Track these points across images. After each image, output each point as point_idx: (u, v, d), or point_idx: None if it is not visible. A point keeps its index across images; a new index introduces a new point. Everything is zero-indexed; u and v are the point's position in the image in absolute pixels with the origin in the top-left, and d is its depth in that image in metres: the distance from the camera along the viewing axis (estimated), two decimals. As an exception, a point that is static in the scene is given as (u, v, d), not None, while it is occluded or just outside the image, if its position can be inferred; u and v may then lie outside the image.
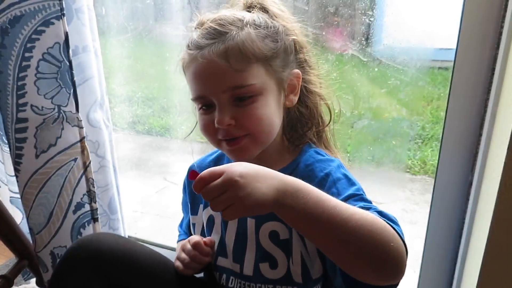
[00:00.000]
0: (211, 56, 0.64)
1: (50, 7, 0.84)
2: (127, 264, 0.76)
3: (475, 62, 0.81)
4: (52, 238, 0.98)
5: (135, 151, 2.17)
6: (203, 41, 0.66)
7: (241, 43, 0.64)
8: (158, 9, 1.59)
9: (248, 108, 0.66)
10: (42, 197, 0.94)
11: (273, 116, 0.69)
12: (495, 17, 0.77)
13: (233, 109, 0.66)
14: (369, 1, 1.06)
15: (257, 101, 0.66)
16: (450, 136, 0.87)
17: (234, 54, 0.64)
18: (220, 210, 0.53)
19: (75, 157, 0.94)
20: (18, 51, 0.84)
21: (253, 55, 0.65)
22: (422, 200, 1.59)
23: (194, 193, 0.84)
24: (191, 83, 0.69)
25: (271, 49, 0.67)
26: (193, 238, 0.79)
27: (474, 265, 0.78)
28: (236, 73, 0.64)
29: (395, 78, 1.11)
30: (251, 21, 0.67)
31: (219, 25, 0.66)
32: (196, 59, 0.66)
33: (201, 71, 0.66)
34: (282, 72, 0.69)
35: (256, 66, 0.65)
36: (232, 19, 0.67)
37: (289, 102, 0.72)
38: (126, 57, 1.72)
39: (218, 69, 0.64)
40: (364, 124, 1.24)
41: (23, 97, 0.87)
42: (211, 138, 0.71)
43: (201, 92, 0.68)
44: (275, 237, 0.72)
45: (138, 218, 1.74)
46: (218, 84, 0.65)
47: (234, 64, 0.64)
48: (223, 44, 0.64)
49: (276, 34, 0.68)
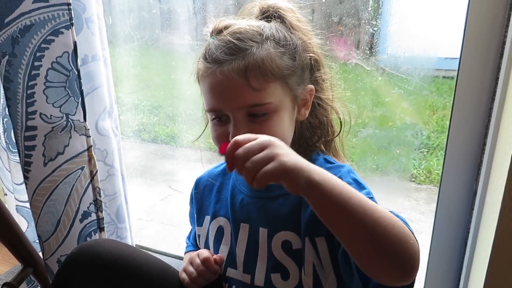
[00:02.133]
0: (230, 74, 0.64)
1: (60, 16, 0.85)
2: (127, 269, 0.76)
3: (479, 72, 0.81)
4: (60, 246, 0.98)
5: (140, 159, 2.18)
6: (222, 56, 0.65)
7: (260, 61, 0.64)
8: (165, 19, 1.61)
9: (263, 125, 0.66)
10: (50, 205, 0.95)
11: (286, 132, 0.69)
12: (498, 26, 0.77)
13: (247, 125, 0.66)
14: (373, 10, 1.07)
15: (272, 119, 0.66)
16: (454, 145, 0.87)
17: (253, 72, 0.64)
18: (258, 169, 0.51)
19: (82, 166, 0.95)
20: (28, 60, 0.86)
21: (272, 74, 0.65)
22: (427, 209, 1.58)
23: (201, 204, 0.84)
24: (207, 95, 0.69)
25: (289, 67, 0.67)
26: (202, 253, 0.78)
27: (479, 274, 0.78)
28: (254, 91, 0.64)
29: (399, 87, 1.12)
30: (271, 35, 0.67)
31: (238, 40, 0.65)
32: (214, 74, 0.65)
33: (219, 86, 0.66)
34: (297, 89, 0.69)
35: (273, 84, 0.66)
36: (252, 33, 0.66)
37: (301, 116, 0.72)
38: (132, 66, 1.73)
39: (236, 87, 0.64)
40: (369, 133, 1.24)
41: (33, 106, 0.88)
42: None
43: (217, 106, 0.67)
44: (288, 247, 0.72)
45: (143, 226, 1.74)
46: (235, 101, 0.65)
47: (252, 83, 0.64)
48: (243, 61, 0.64)
49: (294, 51, 0.68)
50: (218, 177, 0.84)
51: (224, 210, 0.79)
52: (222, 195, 0.81)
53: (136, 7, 1.62)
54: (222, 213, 0.80)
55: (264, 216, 0.74)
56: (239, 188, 0.79)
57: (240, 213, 0.77)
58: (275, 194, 0.74)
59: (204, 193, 0.85)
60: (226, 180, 0.83)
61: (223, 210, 0.80)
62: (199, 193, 0.85)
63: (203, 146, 1.22)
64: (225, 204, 0.80)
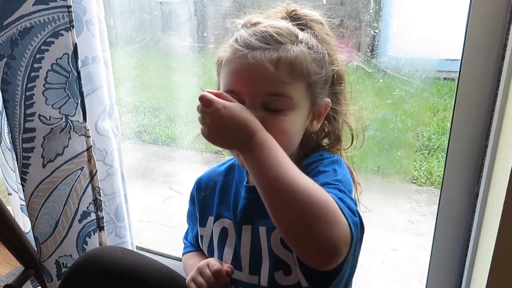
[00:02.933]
0: (262, 60, 0.63)
1: (60, 19, 0.85)
2: (134, 280, 0.75)
3: (481, 73, 0.81)
4: (58, 247, 0.98)
5: (141, 161, 2.19)
6: (256, 42, 0.64)
7: (293, 58, 0.64)
8: (165, 21, 1.61)
9: (277, 118, 0.65)
10: (49, 207, 0.94)
11: (295, 134, 0.69)
12: (500, 28, 0.77)
13: (261, 114, 0.65)
14: (374, 13, 1.06)
15: (287, 115, 0.66)
16: (455, 147, 0.87)
17: (284, 65, 0.64)
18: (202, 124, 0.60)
19: (82, 166, 0.95)
20: (27, 62, 0.86)
21: (301, 73, 0.65)
22: (428, 211, 1.58)
23: (204, 204, 0.83)
24: (229, 77, 0.68)
25: (316, 73, 0.67)
26: (213, 264, 0.76)
27: (481, 276, 0.77)
28: (280, 82, 0.64)
29: (400, 89, 1.12)
30: (305, 40, 0.67)
31: (276, 33, 0.65)
32: (245, 58, 0.64)
33: (246, 69, 0.65)
34: (317, 98, 0.70)
35: (299, 84, 0.66)
36: (288, 32, 0.67)
37: (311, 127, 0.72)
38: (133, 68, 1.74)
39: (265, 74, 0.64)
40: (370, 135, 1.24)
41: (31, 107, 0.88)
42: None
43: (238, 88, 0.66)
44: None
45: (143, 227, 1.74)
46: (259, 87, 0.65)
47: (280, 74, 0.64)
48: (277, 53, 0.64)
49: (323, 61, 0.69)
50: (220, 176, 0.83)
51: (228, 211, 0.79)
52: (226, 196, 0.81)
53: (137, 9, 1.63)
54: (226, 214, 0.79)
55: (261, 215, 0.71)
56: (239, 190, 0.78)
57: (241, 215, 0.76)
58: None
59: (207, 193, 0.84)
60: (229, 180, 0.82)
61: (227, 212, 0.79)
62: (201, 193, 0.84)
63: (204, 147, 1.22)
64: (229, 206, 0.79)
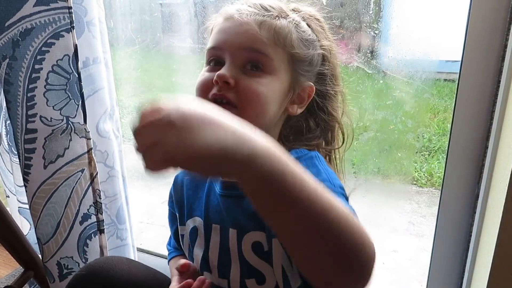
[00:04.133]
0: (248, 18, 0.64)
1: (60, 20, 0.85)
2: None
3: (481, 74, 0.81)
4: (59, 248, 0.98)
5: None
6: (245, 8, 0.66)
7: (278, 26, 0.65)
8: (166, 22, 1.61)
9: (253, 79, 0.64)
10: (50, 208, 0.95)
11: (270, 102, 0.65)
12: (500, 29, 0.77)
13: (239, 73, 0.64)
14: (374, 14, 1.07)
15: (263, 77, 0.64)
16: (456, 148, 0.87)
17: (268, 28, 0.64)
18: (140, 151, 0.41)
19: (82, 168, 0.95)
20: (28, 63, 0.86)
21: (283, 43, 0.65)
22: (429, 212, 1.58)
23: (182, 202, 0.78)
24: (215, 35, 0.68)
25: (300, 48, 0.67)
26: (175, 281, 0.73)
27: (482, 278, 0.77)
28: (262, 42, 0.64)
29: (400, 90, 1.12)
30: (295, 19, 0.68)
31: (268, 4, 0.67)
32: (232, 18, 0.65)
33: (231, 27, 0.65)
34: (299, 76, 0.68)
35: (281, 51, 0.65)
36: (280, 7, 0.67)
37: (292, 110, 0.69)
38: (134, 69, 1.74)
39: (248, 30, 0.64)
40: (370, 136, 1.24)
41: (33, 108, 0.88)
42: (202, 96, 0.65)
43: (221, 43, 0.66)
44: (259, 249, 0.67)
45: (144, 229, 1.74)
46: (242, 41, 0.64)
47: (264, 35, 0.64)
48: (263, 17, 0.65)
49: (310, 41, 0.69)
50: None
51: (199, 209, 0.75)
52: (198, 193, 0.76)
53: (137, 10, 1.63)
54: (198, 213, 0.74)
55: (232, 217, 0.69)
56: (213, 186, 0.74)
57: (212, 213, 0.72)
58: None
59: (183, 190, 0.79)
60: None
61: (198, 210, 0.75)
62: (178, 191, 0.80)
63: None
64: (201, 203, 0.75)
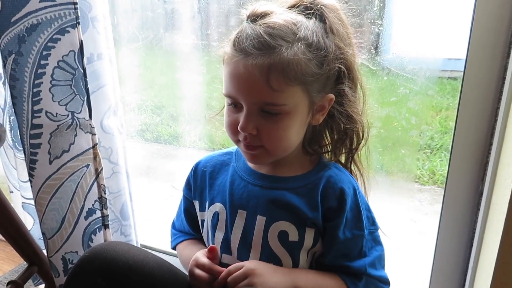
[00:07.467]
0: (253, 69, 0.64)
1: (66, 15, 0.86)
2: (139, 274, 0.76)
3: (485, 72, 0.81)
4: (64, 243, 0.99)
5: (143, 159, 2.18)
6: (249, 48, 0.64)
7: (285, 64, 0.63)
8: (169, 19, 1.61)
9: (273, 124, 0.67)
10: (55, 203, 0.95)
11: (294, 136, 0.70)
12: (505, 27, 0.77)
13: (258, 119, 0.67)
14: (378, 10, 1.06)
15: (283, 120, 0.67)
16: (460, 145, 0.87)
17: (275, 73, 0.63)
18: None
19: (88, 164, 0.95)
20: (34, 59, 0.86)
21: (294, 78, 0.64)
22: (431, 210, 1.58)
23: (202, 188, 0.84)
24: (227, 81, 0.69)
25: (313, 74, 0.66)
26: (202, 263, 0.76)
27: (485, 276, 0.77)
28: (272, 91, 0.64)
29: (404, 87, 1.12)
30: (304, 37, 0.65)
31: (269, 36, 0.64)
32: (238, 64, 0.65)
33: (239, 77, 0.66)
34: (316, 96, 0.69)
35: (293, 88, 0.65)
36: (286, 31, 0.65)
37: (315, 121, 0.73)
38: (136, 66, 1.74)
39: (255, 83, 0.64)
40: (373, 133, 1.24)
41: (38, 104, 0.88)
42: (232, 136, 0.73)
43: (233, 94, 0.68)
44: (284, 238, 0.73)
45: (146, 225, 1.74)
46: (251, 95, 0.66)
47: (272, 83, 0.64)
48: (268, 59, 0.63)
49: (324, 59, 0.67)
50: (218, 162, 0.85)
51: (220, 196, 0.80)
52: (218, 181, 0.82)
53: (140, 7, 1.63)
54: (218, 199, 0.80)
55: (264, 204, 0.75)
56: (240, 175, 0.80)
57: (239, 200, 0.77)
58: (281, 186, 0.75)
59: (203, 178, 0.85)
60: (225, 166, 0.83)
61: (219, 196, 0.80)
62: (197, 178, 0.86)
63: (205, 146, 1.22)
64: (222, 190, 0.80)
